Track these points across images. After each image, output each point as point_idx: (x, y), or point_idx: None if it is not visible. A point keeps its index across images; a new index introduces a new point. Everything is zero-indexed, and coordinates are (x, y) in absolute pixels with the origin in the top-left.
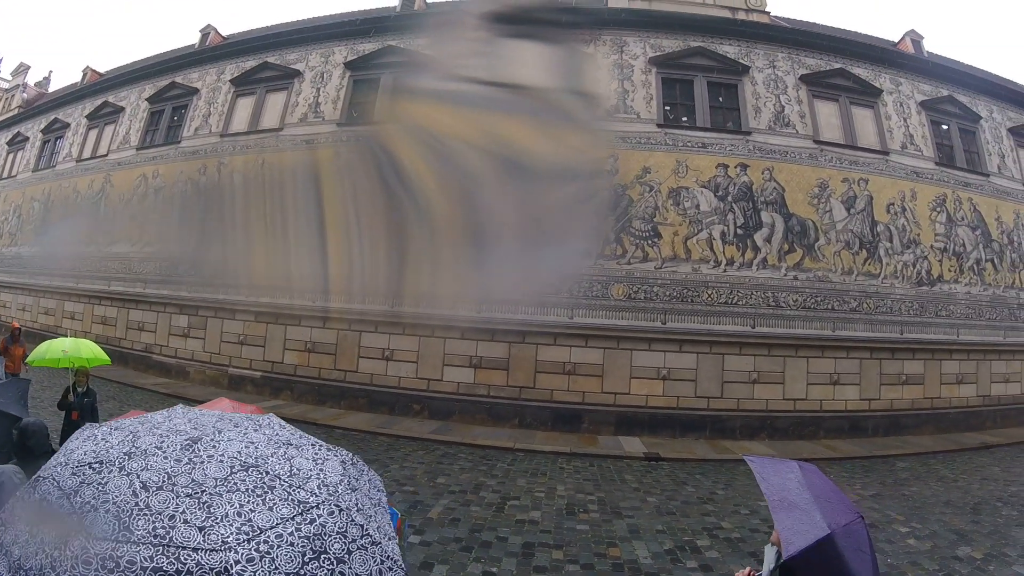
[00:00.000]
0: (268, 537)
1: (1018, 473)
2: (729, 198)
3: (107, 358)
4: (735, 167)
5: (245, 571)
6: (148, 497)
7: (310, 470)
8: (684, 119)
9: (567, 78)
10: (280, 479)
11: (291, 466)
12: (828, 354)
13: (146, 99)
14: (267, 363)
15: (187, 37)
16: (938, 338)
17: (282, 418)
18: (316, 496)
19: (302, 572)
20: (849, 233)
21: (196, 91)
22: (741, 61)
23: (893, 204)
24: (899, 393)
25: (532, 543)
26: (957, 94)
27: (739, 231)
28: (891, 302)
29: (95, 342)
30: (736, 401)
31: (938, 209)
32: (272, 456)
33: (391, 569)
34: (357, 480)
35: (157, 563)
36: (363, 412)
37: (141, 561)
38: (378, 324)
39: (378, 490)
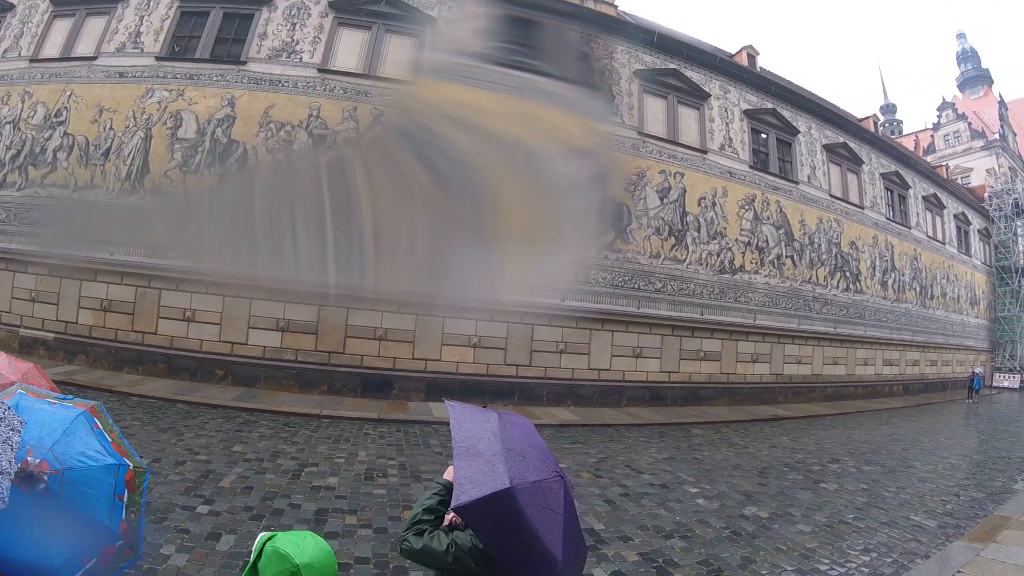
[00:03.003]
0: None
1: (805, 442)
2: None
3: None
4: None
5: None
6: None
7: None
8: None
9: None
10: None
11: None
12: (632, 329)
13: None
14: (60, 323)
15: None
16: (736, 320)
17: (76, 386)
18: None
19: None
20: (660, 220)
21: (11, 7)
22: (580, 48)
23: (705, 198)
24: (697, 368)
25: (326, 509)
26: (781, 108)
27: None
28: (694, 286)
29: None
30: (544, 369)
31: (747, 207)
32: None
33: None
34: None
35: None
36: (163, 378)
37: None
38: (179, 281)
39: (11, 429)
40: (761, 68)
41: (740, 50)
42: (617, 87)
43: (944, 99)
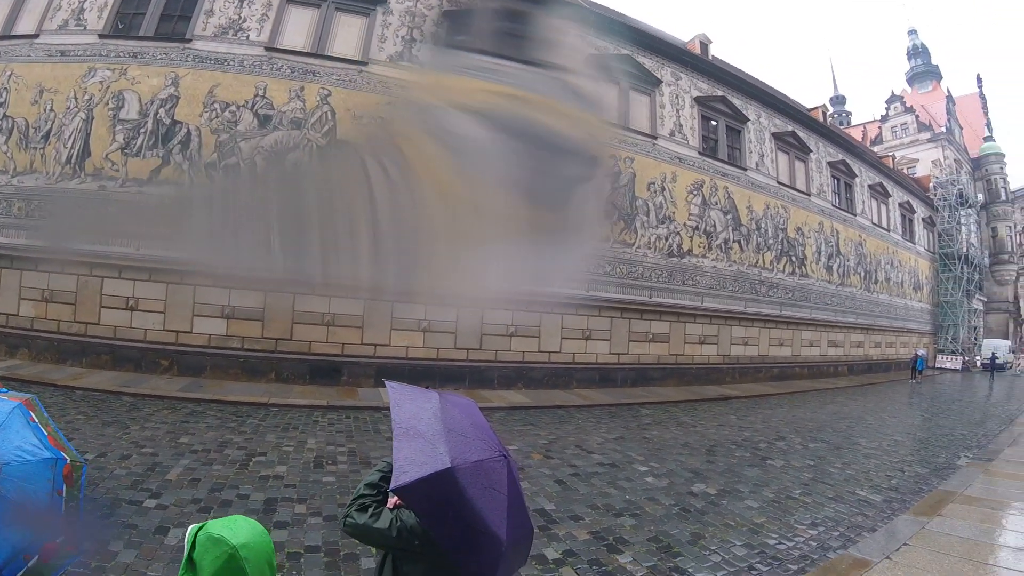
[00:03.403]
0: None
1: (752, 421)
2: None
3: None
4: None
5: None
6: None
7: None
8: None
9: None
10: None
11: None
12: (582, 312)
13: None
14: (2, 316)
15: None
16: (684, 303)
17: (19, 380)
18: None
19: None
20: (609, 205)
21: None
22: (538, 31)
23: (654, 183)
24: (646, 349)
25: (275, 499)
26: (731, 96)
27: None
28: (643, 269)
29: None
30: (494, 353)
31: (695, 192)
32: None
33: None
34: None
35: None
36: (107, 370)
37: None
38: (122, 269)
39: None
40: (713, 56)
41: (693, 38)
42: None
43: (893, 92)
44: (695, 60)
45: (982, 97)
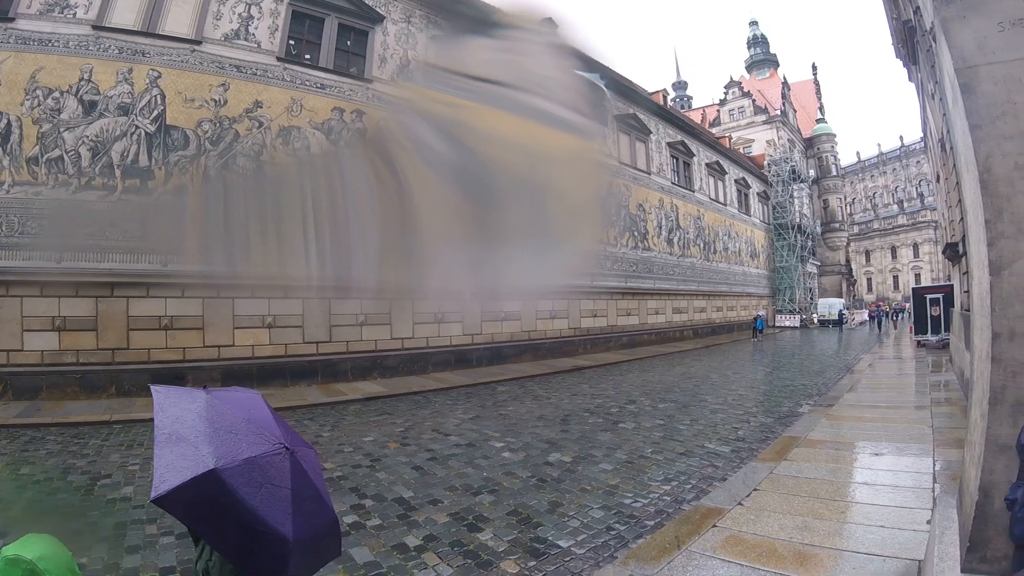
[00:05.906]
0: None
1: (603, 388)
2: (342, 143)
3: None
4: (351, 112)
5: None
6: None
7: None
8: (307, 56)
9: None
10: None
11: None
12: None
13: None
14: None
15: None
16: None
17: None
18: None
19: None
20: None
21: None
22: (378, 10)
23: None
24: (499, 328)
25: (124, 522)
26: None
27: None
28: None
29: None
30: (345, 344)
31: None
32: None
33: None
34: None
35: None
36: None
37: None
38: None
39: None
40: None
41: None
42: (414, 51)
43: (732, 78)
44: None
45: (816, 83)
